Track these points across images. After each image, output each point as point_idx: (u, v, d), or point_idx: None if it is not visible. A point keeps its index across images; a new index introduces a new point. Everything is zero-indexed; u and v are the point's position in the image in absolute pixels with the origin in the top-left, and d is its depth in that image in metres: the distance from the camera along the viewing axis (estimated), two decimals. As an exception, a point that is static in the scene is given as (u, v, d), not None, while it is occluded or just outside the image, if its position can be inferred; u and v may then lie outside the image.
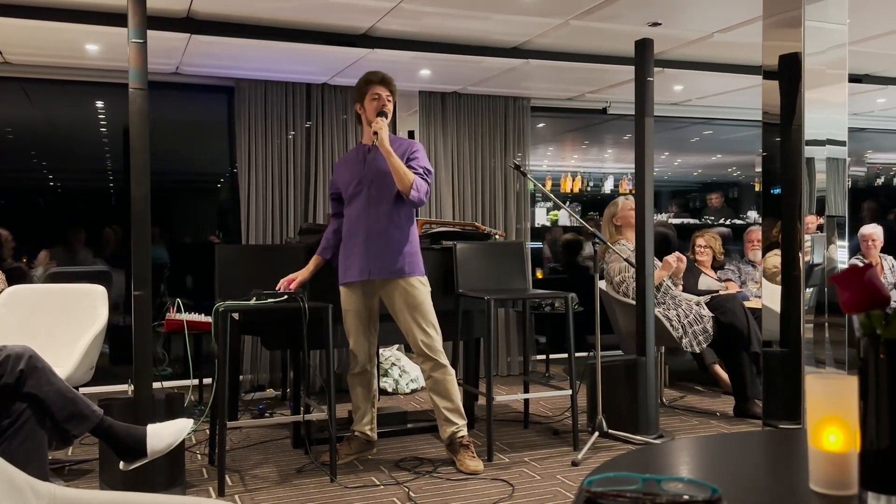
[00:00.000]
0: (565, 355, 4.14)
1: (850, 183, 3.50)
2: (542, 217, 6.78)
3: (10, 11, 3.97)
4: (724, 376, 4.98)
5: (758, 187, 7.36)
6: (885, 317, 0.99)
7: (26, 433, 2.43)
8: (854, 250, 5.96)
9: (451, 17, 4.28)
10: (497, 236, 4.58)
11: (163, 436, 2.62)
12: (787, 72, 3.13)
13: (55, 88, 5.40)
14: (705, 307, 4.66)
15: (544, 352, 6.04)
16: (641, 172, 4.12)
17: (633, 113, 4.19)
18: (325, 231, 3.76)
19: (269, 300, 3.38)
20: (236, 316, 3.76)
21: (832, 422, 1.06)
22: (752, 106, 6.05)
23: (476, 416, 4.34)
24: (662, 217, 7.06)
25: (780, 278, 3.16)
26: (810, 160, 3.09)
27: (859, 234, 5.93)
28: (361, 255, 3.50)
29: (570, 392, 3.89)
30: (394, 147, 3.44)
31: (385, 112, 3.49)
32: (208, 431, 3.82)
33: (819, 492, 1.07)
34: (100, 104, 5.74)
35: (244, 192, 5.30)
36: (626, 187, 6.95)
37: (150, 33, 3.25)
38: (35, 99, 5.57)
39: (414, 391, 5.34)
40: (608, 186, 7.10)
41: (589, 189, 7.08)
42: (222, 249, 3.91)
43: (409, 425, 4.26)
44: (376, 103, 3.51)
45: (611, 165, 7.55)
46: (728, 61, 5.30)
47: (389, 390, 5.25)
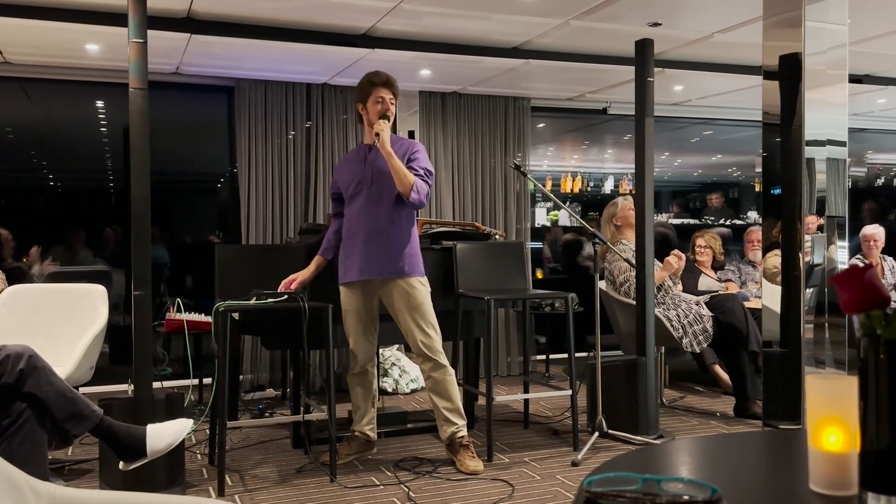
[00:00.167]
0: (565, 355, 4.14)
1: (850, 183, 3.49)
2: (542, 217, 6.78)
3: (10, 11, 3.97)
4: (724, 376, 4.98)
5: (758, 187, 7.36)
6: (885, 317, 0.99)
7: (26, 433, 2.43)
8: (854, 251, 5.96)
9: (451, 17, 4.28)
10: (497, 236, 4.58)
11: (163, 436, 2.62)
12: (788, 72, 3.13)
13: (55, 88, 5.40)
14: (705, 307, 4.66)
15: (544, 352, 6.04)
16: (641, 173, 4.12)
17: (633, 113, 4.18)
18: (327, 232, 3.75)
19: (269, 300, 3.38)
20: (236, 316, 3.76)
21: (832, 422, 1.06)
22: (752, 106, 6.05)
23: (476, 416, 4.34)
24: (662, 217, 7.06)
25: (780, 278, 3.16)
26: (810, 160, 3.09)
27: (861, 235, 5.93)
28: (361, 255, 3.50)
29: (570, 392, 3.89)
30: (395, 147, 3.44)
31: (388, 115, 3.49)
32: (208, 431, 3.82)
33: (819, 492, 1.07)
34: (100, 104, 5.74)
35: (244, 192, 5.30)
36: (627, 187, 6.94)
37: (150, 33, 3.26)
38: (35, 99, 5.57)
39: (414, 391, 5.34)
40: (608, 187, 7.10)
41: (589, 189, 7.08)
42: (222, 249, 3.91)
43: (409, 425, 4.26)
44: (380, 107, 3.51)
45: (611, 165, 7.55)
46: (728, 61, 5.29)
47: (389, 390, 5.25)
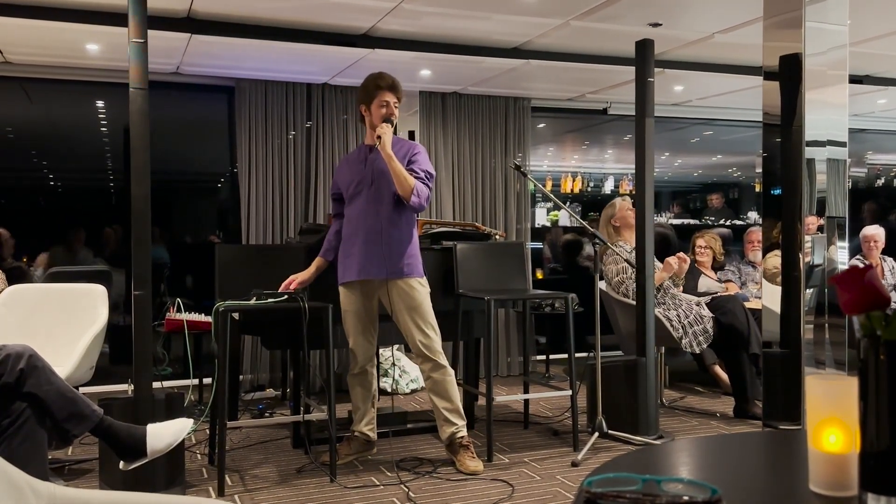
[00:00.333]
0: (565, 356, 4.14)
1: (850, 184, 3.49)
2: (542, 217, 6.79)
3: (10, 11, 3.97)
4: (724, 377, 4.98)
5: (758, 188, 7.36)
6: (885, 318, 0.99)
7: (26, 433, 2.43)
8: (854, 251, 5.96)
9: (451, 18, 4.28)
10: (497, 237, 4.58)
11: (163, 435, 2.62)
12: (788, 73, 3.13)
13: (55, 88, 5.40)
14: (705, 307, 4.66)
15: (544, 352, 6.04)
16: (642, 173, 4.12)
17: (633, 113, 4.19)
18: (328, 233, 3.75)
19: (269, 300, 3.38)
20: (236, 316, 3.76)
21: (832, 423, 1.06)
22: (752, 107, 6.05)
23: (476, 416, 4.34)
24: (663, 218, 7.06)
25: (780, 279, 3.15)
26: (811, 161, 3.09)
27: (861, 235, 5.92)
28: (360, 255, 3.50)
29: (570, 392, 3.89)
30: (395, 149, 3.44)
31: (392, 120, 3.49)
32: (208, 431, 3.82)
33: (819, 493, 1.07)
34: (100, 104, 5.74)
35: (244, 191, 5.30)
36: (627, 188, 6.95)
37: (150, 33, 3.26)
38: (35, 99, 5.57)
39: (414, 391, 5.34)
40: (608, 187, 7.10)
41: (589, 189, 7.08)
42: (222, 249, 3.91)
43: (409, 425, 4.26)
44: (385, 111, 3.50)
45: (611, 166, 7.55)
46: (728, 62, 5.29)
47: (389, 390, 5.25)
